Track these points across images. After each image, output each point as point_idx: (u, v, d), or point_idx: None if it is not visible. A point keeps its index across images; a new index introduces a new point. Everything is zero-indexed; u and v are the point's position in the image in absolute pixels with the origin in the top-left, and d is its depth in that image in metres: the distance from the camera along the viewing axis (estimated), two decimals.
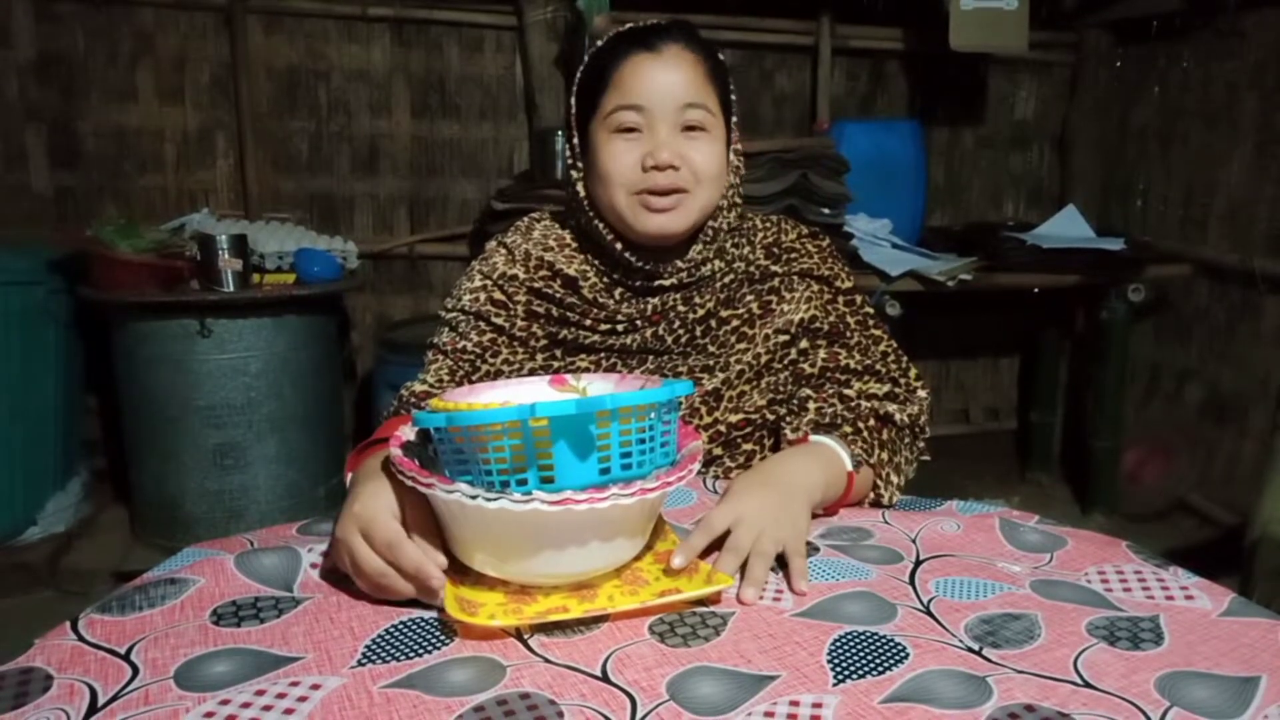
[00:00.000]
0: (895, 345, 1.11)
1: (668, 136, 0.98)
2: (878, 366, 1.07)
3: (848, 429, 0.99)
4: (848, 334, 1.08)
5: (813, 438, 0.97)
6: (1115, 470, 3.03)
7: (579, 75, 1.03)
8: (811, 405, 1.04)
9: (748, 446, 1.06)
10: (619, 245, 1.03)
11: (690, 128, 0.99)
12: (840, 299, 1.10)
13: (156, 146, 2.83)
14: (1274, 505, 2.01)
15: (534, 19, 2.87)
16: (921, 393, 1.08)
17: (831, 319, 1.08)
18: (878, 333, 1.10)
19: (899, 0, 3.08)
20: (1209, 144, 2.95)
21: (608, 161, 0.99)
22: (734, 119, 1.04)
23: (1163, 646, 0.66)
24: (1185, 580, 0.77)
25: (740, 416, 1.04)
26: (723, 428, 1.04)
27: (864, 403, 1.04)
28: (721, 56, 1.04)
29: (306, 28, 2.88)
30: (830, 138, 2.82)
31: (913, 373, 1.10)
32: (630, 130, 0.99)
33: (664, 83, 0.97)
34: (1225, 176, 2.89)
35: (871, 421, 1.02)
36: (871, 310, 1.12)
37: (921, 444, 1.08)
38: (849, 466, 0.94)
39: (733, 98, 1.04)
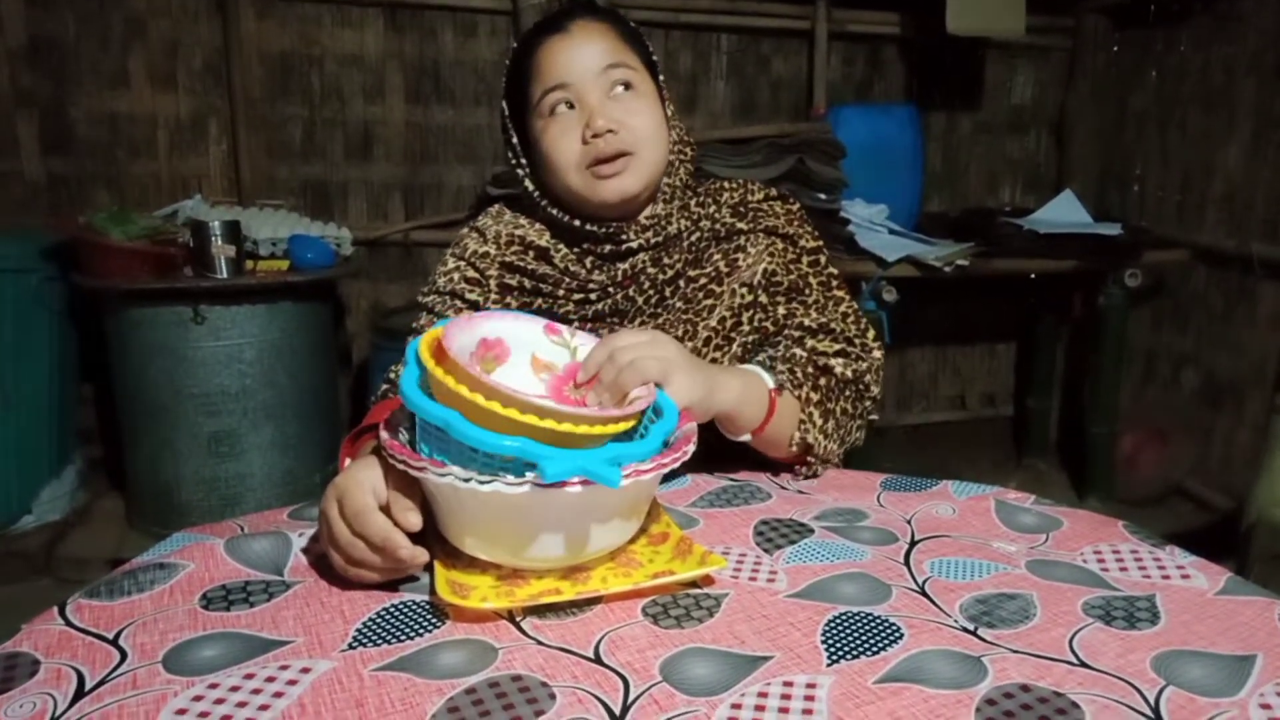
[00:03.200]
0: (856, 308, 1.11)
1: (600, 104, 0.99)
2: (833, 325, 1.07)
3: (781, 366, 1.01)
4: (807, 292, 1.09)
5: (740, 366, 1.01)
6: (1112, 456, 3.03)
7: (505, 76, 1.06)
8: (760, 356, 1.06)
9: None
10: (578, 222, 1.04)
11: (620, 86, 1.00)
12: (804, 258, 1.10)
13: (149, 133, 2.81)
14: (1270, 490, 2.02)
15: (528, 3, 2.85)
16: (876, 354, 1.08)
17: (792, 276, 1.09)
18: (839, 294, 1.10)
19: None
20: (1206, 129, 2.94)
21: (550, 148, 1.01)
22: (660, 78, 1.06)
23: (1159, 626, 0.66)
24: (1181, 559, 0.77)
25: None
26: None
27: (800, 352, 1.04)
28: (633, 25, 1.06)
29: (299, 12, 2.85)
30: (827, 123, 2.81)
31: (870, 334, 1.10)
32: (564, 110, 1.01)
33: (580, 55, 1.00)
34: (1222, 161, 2.88)
35: (809, 369, 1.02)
36: (835, 272, 1.12)
37: (868, 403, 1.08)
38: (771, 385, 0.97)
39: (654, 58, 1.06)
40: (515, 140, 1.07)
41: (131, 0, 2.72)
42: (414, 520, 0.69)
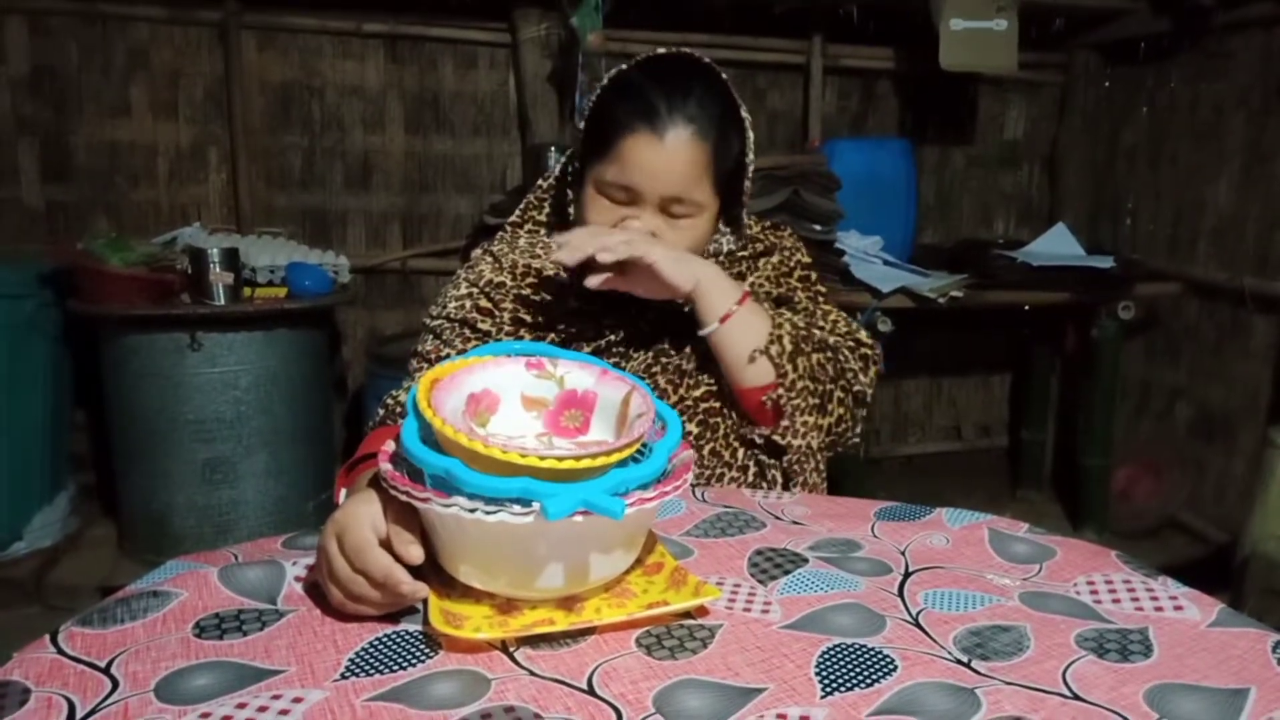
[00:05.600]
0: (845, 316, 1.13)
1: (649, 217, 1.00)
2: (820, 324, 1.10)
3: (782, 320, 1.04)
4: (795, 302, 1.12)
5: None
6: (1106, 488, 3.03)
7: (590, 110, 1.03)
8: None
9: (723, 427, 1.07)
10: None
11: (678, 216, 1.01)
12: (796, 272, 1.14)
13: (149, 161, 2.83)
14: (1264, 523, 2.02)
15: (528, 36, 2.89)
16: (866, 350, 1.10)
17: (781, 289, 1.12)
18: (826, 307, 1.13)
19: (890, 21, 3.10)
20: (1197, 163, 2.97)
21: (588, 216, 1.03)
22: (746, 183, 1.07)
23: (1152, 658, 0.66)
24: (1174, 590, 0.77)
25: (703, 389, 1.06)
26: (689, 402, 1.06)
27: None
28: (745, 115, 1.04)
29: (301, 43, 2.89)
30: (822, 155, 2.83)
31: (863, 334, 1.12)
32: (617, 197, 1.01)
33: (661, 173, 0.98)
34: (1213, 195, 2.92)
35: (814, 342, 1.05)
36: (824, 290, 1.15)
37: (849, 378, 1.07)
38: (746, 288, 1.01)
39: (748, 159, 1.05)
40: (575, 168, 1.06)
41: (134, 30, 2.75)
42: (416, 554, 0.69)
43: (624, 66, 1.03)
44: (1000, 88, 3.45)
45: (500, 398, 0.78)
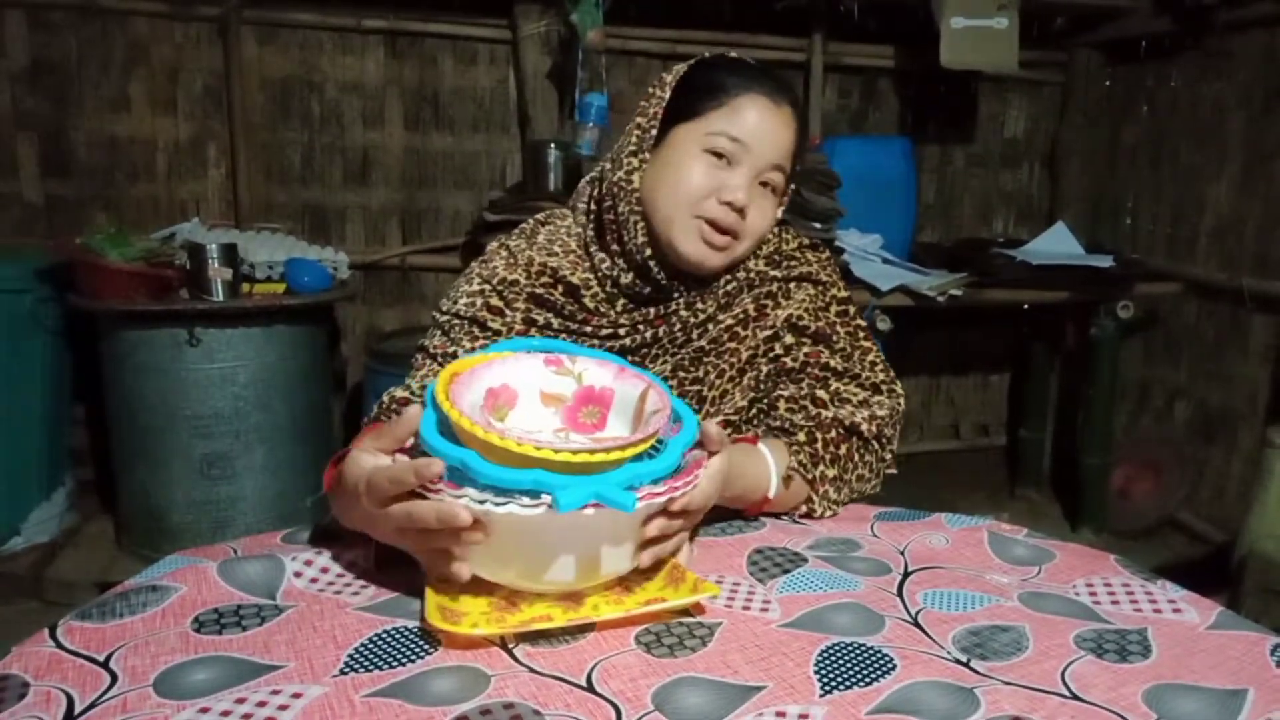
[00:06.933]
0: (883, 357, 1.11)
1: (748, 181, 1.00)
2: (858, 371, 1.07)
3: (801, 436, 0.99)
4: (834, 340, 1.08)
5: (761, 443, 0.97)
6: (1105, 487, 3.03)
7: (683, 73, 1.04)
8: (781, 404, 1.04)
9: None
10: (648, 251, 1.02)
11: (769, 186, 1.02)
12: (833, 307, 1.10)
13: (148, 156, 2.83)
14: (1262, 522, 2.02)
15: (528, 33, 2.88)
16: (900, 400, 1.09)
17: (820, 323, 1.09)
18: (866, 344, 1.10)
19: (891, 18, 3.10)
20: (1197, 163, 2.98)
21: (687, 175, 0.99)
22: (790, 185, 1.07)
23: (1150, 659, 0.66)
24: (1173, 593, 0.77)
25: (721, 419, 1.04)
26: None
27: (826, 412, 1.03)
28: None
29: (300, 39, 2.88)
30: (822, 153, 2.83)
31: (899, 386, 1.10)
32: (719, 155, 0.99)
33: (772, 136, 1.00)
34: (1213, 195, 2.92)
35: (832, 433, 1.01)
36: (863, 324, 1.12)
37: (888, 456, 1.07)
38: (771, 494, 0.95)
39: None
40: (654, 133, 1.03)
41: (134, 26, 2.74)
42: (438, 468, 0.68)
43: (705, 54, 1.07)
44: (1001, 86, 3.45)
45: (519, 393, 0.79)
